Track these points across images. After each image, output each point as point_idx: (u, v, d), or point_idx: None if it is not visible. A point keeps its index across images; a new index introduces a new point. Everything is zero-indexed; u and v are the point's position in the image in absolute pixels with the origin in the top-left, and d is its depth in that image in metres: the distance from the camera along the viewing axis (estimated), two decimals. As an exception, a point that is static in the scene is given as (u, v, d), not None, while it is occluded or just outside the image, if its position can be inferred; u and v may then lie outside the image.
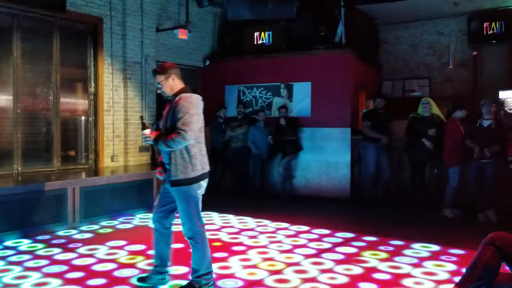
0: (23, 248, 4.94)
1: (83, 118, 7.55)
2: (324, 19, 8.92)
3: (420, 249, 5.00)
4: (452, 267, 4.39)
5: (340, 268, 4.33)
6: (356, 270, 4.29)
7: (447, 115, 7.09)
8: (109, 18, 7.63)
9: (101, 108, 7.58)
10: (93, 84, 7.58)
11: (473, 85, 10.08)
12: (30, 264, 4.40)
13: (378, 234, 5.59)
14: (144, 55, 8.10)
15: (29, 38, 6.69)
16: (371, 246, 5.12)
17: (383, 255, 4.76)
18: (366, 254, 4.79)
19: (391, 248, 5.02)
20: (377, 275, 4.14)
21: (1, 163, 6.43)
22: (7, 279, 3.97)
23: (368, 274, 4.17)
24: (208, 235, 5.49)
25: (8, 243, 5.09)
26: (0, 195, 5.13)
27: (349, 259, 4.63)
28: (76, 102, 7.46)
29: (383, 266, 4.41)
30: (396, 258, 4.65)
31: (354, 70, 8.52)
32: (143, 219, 6.50)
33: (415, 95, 10.27)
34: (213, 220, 6.46)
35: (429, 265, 4.45)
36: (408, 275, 4.15)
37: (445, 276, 4.13)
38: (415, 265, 4.43)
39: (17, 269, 4.23)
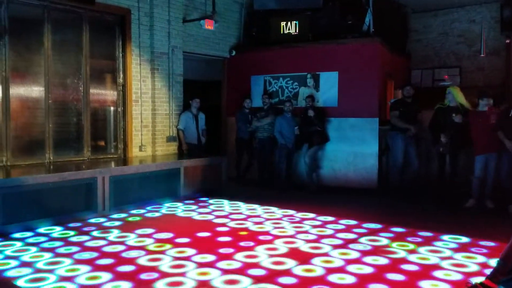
0: (55, 235, 5.08)
1: (112, 108, 7.68)
2: (351, 8, 8.77)
3: (450, 240, 4.92)
4: (482, 259, 4.30)
5: (367, 258, 4.30)
6: (384, 261, 4.25)
7: (475, 104, 6.93)
8: (137, 9, 7.71)
9: (129, 98, 7.69)
10: (121, 75, 7.69)
11: (505, 74, 9.78)
12: (62, 250, 4.52)
13: (406, 225, 5.53)
14: (171, 45, 8.16)
15: (59, 30, 6.83)
16: (399, 237, 5.06)
17: (411, 246, 4.70)
18: (394, 245, 4.74)
19: (419, 239, 4.96)
20: (405, 266, 4.09)
21: (34, 152, 6.62)
22: (40, 264, 4.10)
23: (396, 265, 4.13)
24: (234, 224, 5.57)
25: (41, 230, 5.24)
26: (33, 183, 5.28)
27: (376, 250, 4.59)
28: (105, 93, 7.59)
29: (411, 257, 4.35)
30: (425, 249, 4.59)
31: (382, 59, 8.38)
32: (171, 207, 6.59)
33: (445, 85, 10.03)
34: (240, 209, 6.50)
35: (459, 257, 4.37)
36: (437, 267, 4.09)
37: (475, 268, 4.06)
38: (444, 257, 4.35)
39: (48, 255, 4.36)
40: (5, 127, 6.25)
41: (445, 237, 5.03)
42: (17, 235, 5.02)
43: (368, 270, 3.99)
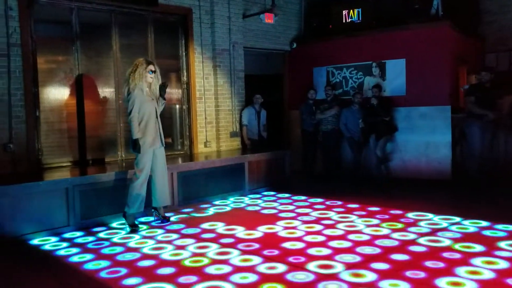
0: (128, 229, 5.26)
1: (177, 106, 7.87)
2: (417, -9, 8.36)
3: (536, 234, 4.55)
4: None
5: (442, 253, 4.07)
6: (458, 256, 4.00)
7: None
8: (198, 8, 7.82)
9: (193, 96, 7.84)
10: (185, 73, 7.85)
11: None
12: (132, 244, 4.68)
13: (484, 218, 5.18)
14: (232, 42, 8.21)
15: (126, 33, 7.08)
16: (477, 231, 4.75)
17: (491, 241, 4.39)
18: (472, 240, 4.45)
19: (501, 234, 4.62)
20: (483, 261, 3.82)
21: (107, 150, 6.93)
22: (117, 257, 4.25)
23: (473, 261, 3.86)
24: (300, 218, 5.49)
25: (114, 225, 5.47)
26: (108, 180, 5.51)
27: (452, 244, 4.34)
28: (171, 92, 7.77)
29: (491, 252, 4.07)
30: (507, 244, 4.27)
31: (452, 44, 7.92)
32: (236, 202, 6.64)
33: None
34: (305, 203, 6.40)
35: (547, 252, 4.03)
36: (522, 263, 3.78)
37: None
38: (530, 252, 4.03)
39: (120, 249, 4.53)
40: (82, 127, 6.58)
41: (530, 230, 4.67)
42: (90, 229, 5.25)
43: (441, 265, 3.77)
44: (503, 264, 3.76)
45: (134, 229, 5.15)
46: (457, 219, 5.25)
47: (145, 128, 5.16)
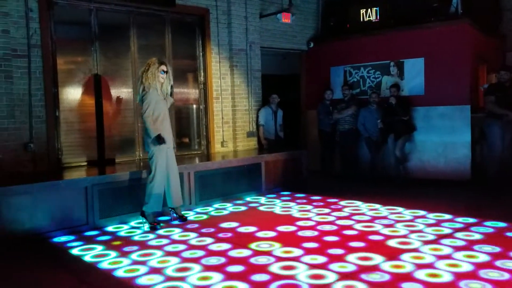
0: (146, 227, 5.31)
1: (194, 106, 7.91)
2: (436, -11, 8.26)
3: (558, 236, 4.45)
4: None
5: (459, 254, 4.02)
6: (481, 257, 3.94)
7: None
8: (215, 8, 7.85)
9: (210, 96, 7.87)
10: (202, 74, 7.89)
11: None
12: (153, 242, 4.72)
13: (505, 219, 5.09)
14: (248, 42, 8.22)
15: (143, 34, 7.15)
16: (497, 232, 4.67)
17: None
18: (491, 240, 4.38)
19: (522, 235, 4.55)
20: (505, 263, 3.76)
21: (125, 150, 7.01)
22: (134, 256, 4.30)
23: (492, 262, 3.80)
24: (317, 218, 5.47)
25: (132, 223, 5.52)
26: (126, 179, 5.57)
27: (470, 245, 4.27)
28: (188, 92, 7.83)
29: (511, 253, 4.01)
30: (529, 246, 4.20)
31: (472, 42, 7.80)
32: (253, 202, 6.64)
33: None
34: (322, 203, 6.38)
35: None
36: (544, 265, 3.71)
37: None
38: (553, 254, 3.95)
39: (136, 248, 4.57)
40: (100, 127, 6.67)
41: (553, 232, 4.57)
42: (108, 228, 5.32)
43: (464, 267, 3.71)
44: (524, 266, 3.70)
45: (153, 227, 5.20)
46: (477, 220, 5.18)
47: (161, 127, 5.21)
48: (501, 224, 4.95)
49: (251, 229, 5.12)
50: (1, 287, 3.74)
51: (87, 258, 4.29)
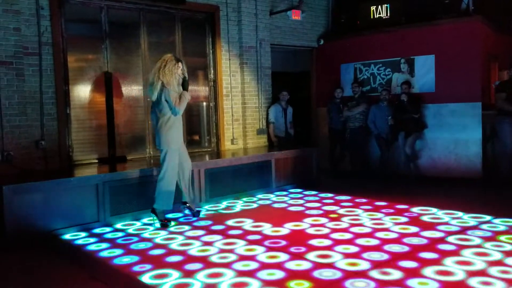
0: (157, 225, 5.33)
1: (204, 104, 7.92)
2: (447, -15, 8.18)
3: None
4: None
5: (469, 252, 3.99)
6: (493, 255, 3.90)
7: None
8: (225, 5, 7.85)
9: (220, 93, 7.88)
10: (212, 71, 7.90)
11: None
12: (160, 240, 4.75)
13: (518, 217, 5.06)
14: (258, 39, 8.21)
15: (154, 31, 7.17)
16: (508, 230, 4.63)
17: (526, 241, 4.28)
18: (503, 238, 4.35)
19: (534, 233, 4.50)
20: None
21: (136, 147, 7.05)
22: (145, 252, 4.32)
23: (503, 260, 3.77)
24: (327, 216, 5.45)
25: (144, 220, 5.55)
26: (137, 176, 5.60)
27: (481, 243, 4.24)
28: (198, 89, 7.84)
29: (525, 252, 3.97)
30: (542, 244, 4.15)
31: (484, 39, 7.72)
32: (263, 199, 6.64)
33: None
34: (332, 201, 6.36)
35: None
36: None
37: None
38: None
39: (150, 244, 4.60)
40: (111, 124, 6.71)
41: None
42: (119, 225, 5.35)
43: (475, 265, 3.69)
44: (537, 265, 3.66)
45: (164, 224, 5.23)
46: (488, 217, 5.13)
47: (174, 123, 5.23)
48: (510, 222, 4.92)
49: (261, 226, 5.12)
50: (14, 283, 3.78)
51: (98, 254, 4.32)
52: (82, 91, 6.52)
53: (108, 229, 5.20)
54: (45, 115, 6.06)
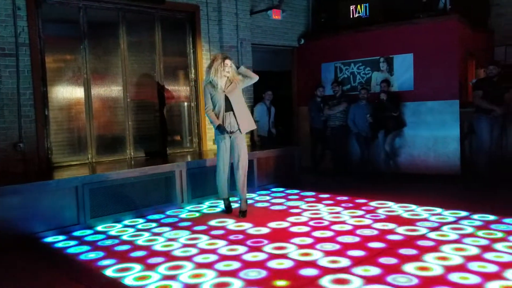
0: (140, 226, 5.30)
1: (185, 104, 7.89)
2: (425, -15, 8.30)
3: (546, 229, 4.52)
4: None
5: (448, 247, 4.06)
6: (470, 250, 3.98)
7: None
8: (205, 5, 7.83)
9: (201, 93, 7.84)
10: (193, 71, 7.87)
11: None
12: (140, 242, 4.72)
13: (493, 212, 5.16)
14: (239, 38, 8.21)
15: (133, 31, 7.11)
16: (485, 225, 4.73)
17: (499, 235, 4.37)
18: (480, 234, 4.44)
19: (509, 228, 4.60)
20: (492, 255, 3.81)
21: (116, 149, 6.98)
22: (126, 254, 4.30)
23: (481, 255, 3.85)
24: (308, 214, 5.50)
25: (126, 222, 5.51)
26: (117, 178, 5.56)
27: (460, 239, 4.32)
28: (179, 89, 7.81)
29: (499, 246, 4.05)
30: (517, 239, 4.25)
31: (461, 38, 7.86)
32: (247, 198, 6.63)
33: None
34: (314, 199, 6.41)
35: (558, 246, 4.00)
36: (532, 257, 3.77)
37: None
38: (540, 247, 4.01)
39: (128, 247, 4.57)
40: (89, 126, 6.64)
41: (541, 225, 4.64)
42: (99, 227, 5.30)
43: (453, 260, 3.76)
44: (507, 258, 3.76)
45: (225, 211, 5.86)
46: (465, 213, 5.23)
47: (220, 118, 5.46)
48: (490, 217, 5.01)
49: (244, 225, 5.13)
50: (-8, 287, 3.73)
51: (79, 257, 4.28)
52: (61, 92, 6.44)
53: (88, 231, 5.15)
54: (23, 117, 5.96)
